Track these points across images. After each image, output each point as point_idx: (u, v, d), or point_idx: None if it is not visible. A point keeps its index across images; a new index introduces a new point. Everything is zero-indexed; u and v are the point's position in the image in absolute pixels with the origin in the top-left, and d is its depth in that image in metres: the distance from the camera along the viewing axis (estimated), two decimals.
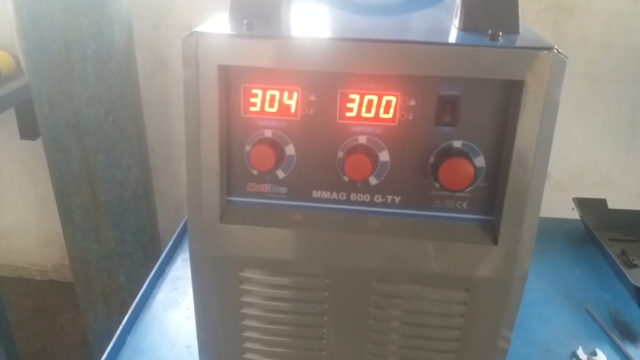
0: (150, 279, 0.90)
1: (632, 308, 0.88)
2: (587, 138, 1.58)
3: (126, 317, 0.82)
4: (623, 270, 0.91)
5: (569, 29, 1.45)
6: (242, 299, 0.48)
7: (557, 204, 1.12)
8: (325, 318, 0.48)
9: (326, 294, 0.47)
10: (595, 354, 0.78)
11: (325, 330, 0.49)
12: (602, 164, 1.62)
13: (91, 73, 1.19)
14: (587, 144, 1.59)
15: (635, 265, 0.95)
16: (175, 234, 1.00)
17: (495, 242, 0.43)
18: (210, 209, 0.46)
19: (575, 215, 1.09)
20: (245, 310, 0.49)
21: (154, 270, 0.91)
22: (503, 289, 0.44)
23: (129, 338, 0.80)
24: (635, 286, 0.88)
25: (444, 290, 0.46)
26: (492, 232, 0.44)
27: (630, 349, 0.80)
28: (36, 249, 2.04)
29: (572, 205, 1.09)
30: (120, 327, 0.79)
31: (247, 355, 0.52)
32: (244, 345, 0.51)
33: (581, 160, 1.62)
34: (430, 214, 0.45)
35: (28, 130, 1.45)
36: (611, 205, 1.09)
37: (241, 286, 0.48)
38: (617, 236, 1.05)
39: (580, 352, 0.78)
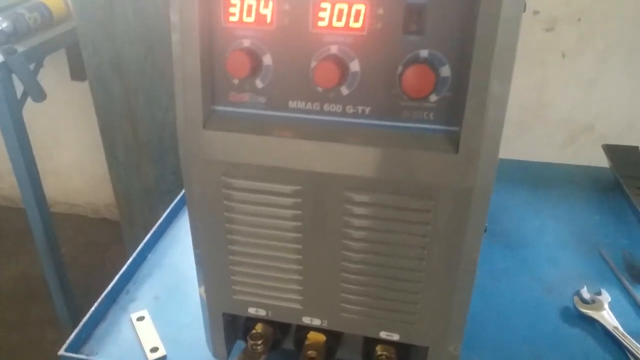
0: (176, 203, 0.96)
1: None
2: (636, 89, 1.51)
3: (149, 235, 0.88)
4: None
5: None
6: (225, 202, 0.52)
7: (601, 157, 1.09)
8: (301, 224, 0.51)
9: (300, 200, 0.50)
10: (600, 293, 0.78)
11: (301, 235, 0.52)
12: None
13: (131, 13, 1.24)
14: (636, 96, 1.52)
15: None
16: None
17: (456, 151, 0.44)
18: (193, 116, 0.49)
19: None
20: (229, 214, 0.53)
21: (180, 195, 0.97)
22: (465, 197, 0.46)
23: (150, 255, 0.87)
24: None
25: (410, 198, 0.47)
26: (455, 141, 0.45)
27: (639, 293, 0.79)
28: (90, 188, 2.18)
29: None
30: (142, 244, 0.86)
31: (234, 267, 0.56)
32: (230, 257, 0.55)
33: (629, 114, 1.55)
34: (399, 125, 0.47)
35: (78, 72, 1.54)
36: None
37: (224, 190, 0.51)
38: None
39: (584, 291, 0.78)
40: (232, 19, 0.47)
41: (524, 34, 0.42)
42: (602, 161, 1.08)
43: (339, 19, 0.45)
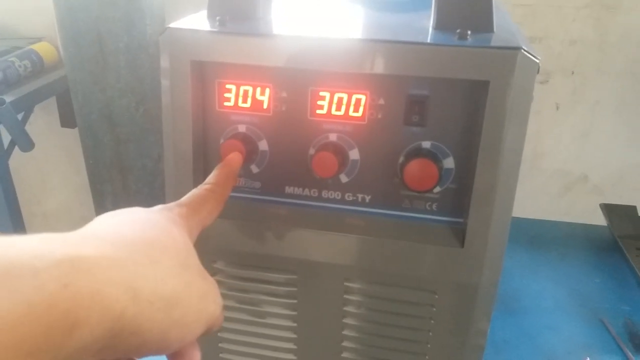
0: None
1: None
2: (629, 141, 1.51)
3: None
4: None
5: (611, 27, 1.39)
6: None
7: (595, 209, 1.08)
8: (296, 313, 0.49)
9: (296, 289, 0.48)
10: None
11: (296, 325, 0.49)
12: None
13: (123, 65, 1.23)
14: (629, 148, 1.52)
15: None
16: None
17: (462, 245, 0.42)
18: None
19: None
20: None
21: None
22: (470, 293, 0.44)
23: None
24: None
25: (412, 292, 0.45)
26: (460, 234, 0.43)
27: None
28: None
29: None
30: None
31: (223, 355, 0.53)
32: (220, 344, 0.52)
33: (622, 165, 1.55)
34: (400, 214, 0.45)
35: (67, 119, 1.52)
36: None
37: (215, 277, 0.49)
38: None
39: None
40: (227, 103, 0.45)
41: None
42: (597, 213, 1.07)
43: (338, 108, 0.43)
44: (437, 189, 0.43)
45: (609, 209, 1.04)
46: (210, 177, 0.40)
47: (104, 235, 0.28)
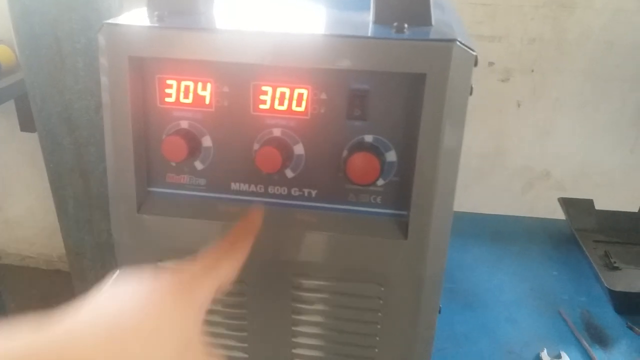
0: None
1: (607, 312, 0.86)
2: (589, 138, 1.54)
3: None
4: (598, 271, 0.89)
5: (569, 26, 1.42)
6: None
7: (557, 204, 1.09)
8: (246, 311, 0.48)
9: (246, 286, 0.47)
10: (559, 356, 0.76)
11: (247, 322, 0.49)
12: (606, 165, 1.57)
13: (82, 67, 1.21)
14: (589, 144, 1.55)
15: (617, 268, 0.93)
16: None
17: (406, 237, 0.43)
18: (127, 199, 0.46)
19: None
20: None
21: None
22: (416, 285, 0.44)
23: None
24: (608, 289, 0.85)
25: (359, 285, 0.45)
26: (404, 226, 0.43)
27: (598, 353, 0.78)
28: (42, 239, 2.09)
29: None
30: None
31: None
32: None
33: (583, 161, 1.58)
34: (346, 208, 0.45)
35: (27, 123, 1.49)
36: (615, 207, 1.06)
37: None
38: (603, 238, 1.02)
39: (544, 355, 0.76)
40: (169, 99, 0.45)
41: (480, 84, 0.41)
42: (560, 208, 1.08)
43: (281, 102, 0.43)
44: (381, 182, 0.43)
45: (567, 203, 1.06)
46: (229, 233, 0.39)
47: (94, 332, 0.28)
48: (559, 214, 1.09)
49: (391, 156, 0.43)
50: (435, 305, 0.46)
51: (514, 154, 1.56)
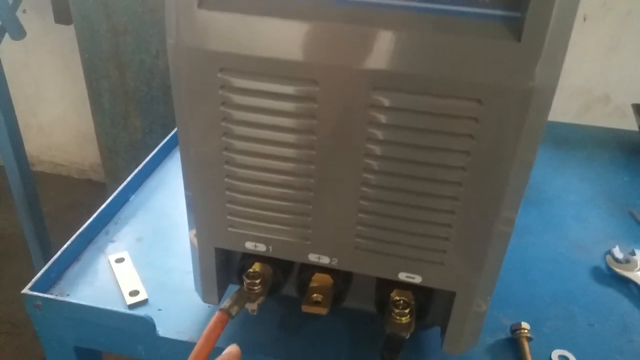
0: (166, 142, 0.86)
1: None
2: None
3: (133, 174, 0.79)
4: None
5: None
6: (223, 108, 0.43)
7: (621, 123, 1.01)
8: (315, 137, 0.42)
9: (316, 105, 0.41)
10: (634, 253, 0.70)
11: (314, 152, 0.43)
12: None
13: None
14: None
15: None
16: None
17: (519, 39, 0.35)
18: None
19: None
20: (226, 124, 0.43)
21: (169, 136, 0.87)
22: (523, 101, 0.37)
23: (133, 196, 0.78)
24: None
25: (452, 101, 0.38)
26: (516, 28, 0.36)
27: None
28: (74, 147, 2.08)
29: None
30: (125, 183, 0.77)
31: (231, 193, 0.47)
32: (227, 179, 0.46)
33: None
34: (444, 8, 0.38)
35: (62, 13, 1.42)
36: None
37: (220, 91, 0.42)
38: None
39: (616, 251, 0.70)
40: None
41: None
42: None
43: None
44: None
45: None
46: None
47: None
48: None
49: None
50: (540, 132, 0.39)
51: (573, 73, 1.46)
